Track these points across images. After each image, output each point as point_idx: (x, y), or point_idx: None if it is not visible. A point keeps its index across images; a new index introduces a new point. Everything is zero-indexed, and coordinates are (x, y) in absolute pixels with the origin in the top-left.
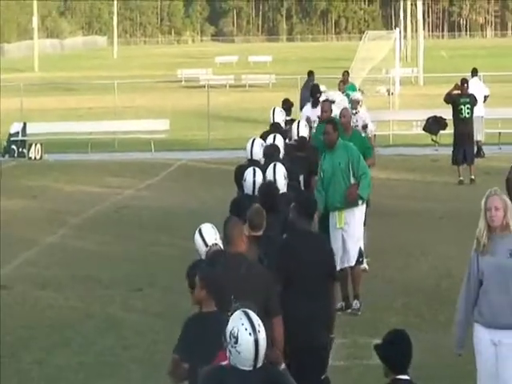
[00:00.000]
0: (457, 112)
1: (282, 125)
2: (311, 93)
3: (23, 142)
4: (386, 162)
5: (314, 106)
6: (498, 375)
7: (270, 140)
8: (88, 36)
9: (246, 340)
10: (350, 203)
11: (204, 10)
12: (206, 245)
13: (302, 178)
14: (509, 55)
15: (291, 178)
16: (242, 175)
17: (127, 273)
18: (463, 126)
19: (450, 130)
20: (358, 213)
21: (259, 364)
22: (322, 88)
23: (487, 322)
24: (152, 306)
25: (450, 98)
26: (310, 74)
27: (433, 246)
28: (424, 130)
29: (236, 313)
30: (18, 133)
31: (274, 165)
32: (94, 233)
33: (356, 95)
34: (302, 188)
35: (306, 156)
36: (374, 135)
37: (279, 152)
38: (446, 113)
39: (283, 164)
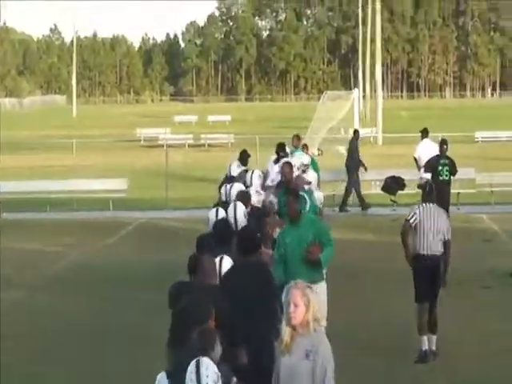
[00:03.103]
0: (436, 173)
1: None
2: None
3: None
4: (344, 222)
5: (276, 162)
6: None
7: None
8: (47, 95)
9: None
10: (310, 274)
11: (163, 69)
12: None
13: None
14: (467, 116)
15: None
16: (202, 244)
17: (81, 330)
18: (440, 188)
19: (408, 190)
20: (321, 290)
21: None
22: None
23: None
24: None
25: (430, 166)
26: (355, 131)
27: (391, 306)
28: (382, 189)
29: None
30: None
31: (235, 203)
32: (50, 292)
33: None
34: None
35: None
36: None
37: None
38: (404, 173)
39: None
